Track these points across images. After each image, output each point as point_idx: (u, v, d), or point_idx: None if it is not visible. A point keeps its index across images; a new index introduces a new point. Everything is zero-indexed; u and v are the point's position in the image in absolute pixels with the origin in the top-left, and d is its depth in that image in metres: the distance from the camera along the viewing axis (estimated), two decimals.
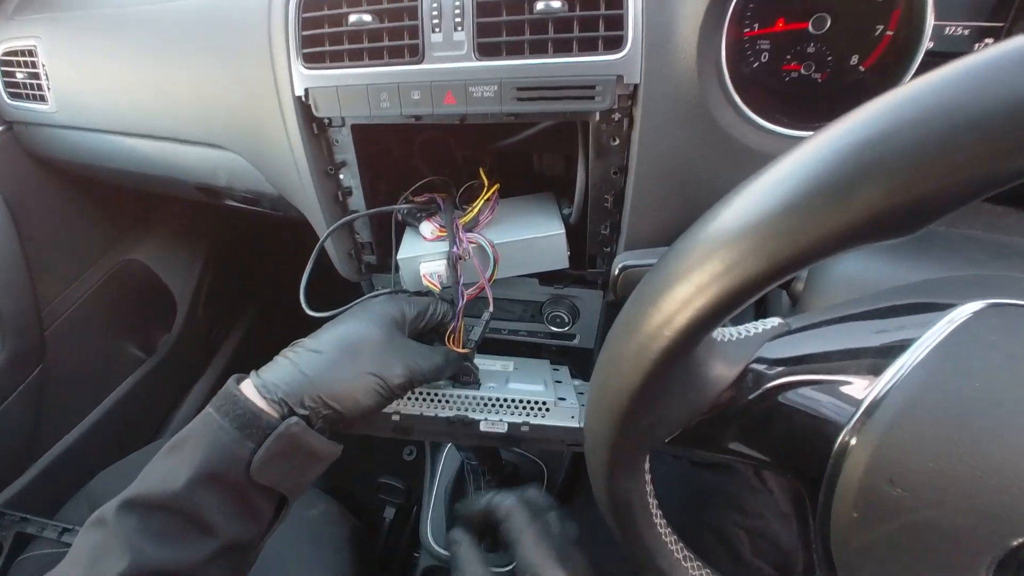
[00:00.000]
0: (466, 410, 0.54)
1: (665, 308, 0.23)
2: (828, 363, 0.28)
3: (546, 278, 0.60)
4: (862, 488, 0.27)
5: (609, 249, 0.56)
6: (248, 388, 0.45)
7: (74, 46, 0.78)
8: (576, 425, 0.53)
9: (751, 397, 0.28)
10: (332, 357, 0.47)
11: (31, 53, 0.82)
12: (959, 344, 0.26)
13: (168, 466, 0.43)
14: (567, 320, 0.62)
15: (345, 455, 0.55)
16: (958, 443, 0.25)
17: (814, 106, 0.48)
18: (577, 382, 0.63)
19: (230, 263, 1.35)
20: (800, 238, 0.19)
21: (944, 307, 0.28)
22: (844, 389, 0.28)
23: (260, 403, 0.44)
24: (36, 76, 0.83)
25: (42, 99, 0.83)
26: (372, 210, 0.60)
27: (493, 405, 0.54)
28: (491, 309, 0.54)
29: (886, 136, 0.17)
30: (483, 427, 0.54)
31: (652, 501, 0.34)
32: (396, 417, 0.54)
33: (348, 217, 0.61)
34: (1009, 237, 0.40)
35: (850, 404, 0.27)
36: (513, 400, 0.54)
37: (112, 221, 1.11)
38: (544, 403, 0.54)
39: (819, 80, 0.49)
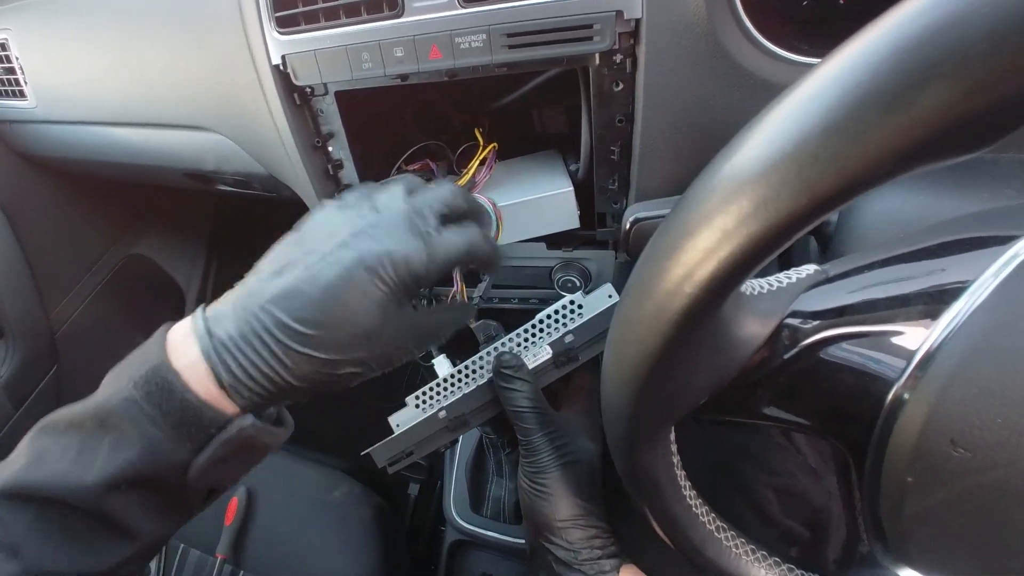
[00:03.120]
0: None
1: (685, 261, 0.20)
2: (873, 313, 0.24)
3: (554, 241, 0.57)
4: (918, 450, 0.24)
5: (618, 205, 0.52)
6: (180, 354, 0.34)
7: (46, 35, 0.75)
8: (616, 300, 0.45)
9: (787, 356, 0.25)
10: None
11: (4, 47, 0.79)
12: None
13: (74, 451, 0.33)
14: (579, 284, 0.59)
15: (365, 436, 0.52)
16: None
17: (837, 30, 0.43)
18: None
19: (235, 250, 1.33)
20: (848, 162, 0.15)
21: (1005, 240, 0.24)
22: (894, 340, 0.24)
23: (201, 391, 0.33)
24: (12, 71, 0.79)
25: (21, 95, 0.80)
26: (364, 184, 0.57)
27: (525, 340, 0.49)
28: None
29: (958, 18, 0.14)
30: (530, 364, 0.48)
31: (679, 473, 0.31)
32: (443, 414, 0.49)
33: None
34: None
35: (901, 357, 0.24)
36: (541, 320, 0.48)
37: (111, 217, 1.10)
38: (572, 302, 0.47)
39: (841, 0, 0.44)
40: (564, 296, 0.48)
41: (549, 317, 0.48)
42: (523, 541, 0.77)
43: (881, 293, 0.25)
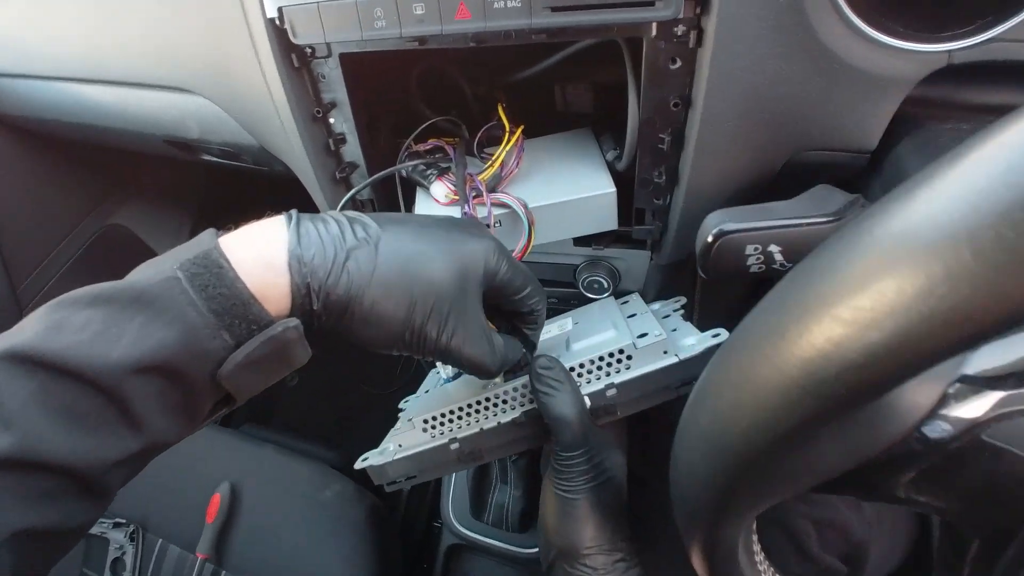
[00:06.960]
0: (532, 402, 0.43)
1: (874, 308, 0.14)
2: None
3: (583, 238, 0.51)
4: None
5: (661, 201, 0.46)
6: (234, 248, 0.33)
7: None
8: (673, 360, 0.40)
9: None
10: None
11: None
12: None
13: (98, 325, 0.29)
14: (606, 286, 0.53)
15: (359, 431, 0.47)
16: None
17: (939, 8, 0.36)
18: (656, 305, 0.50)
19: (222, 225, 1.25)
20: None
21: None
22: None
23: (250, 283, 0.32)
24: None
25: None
26: (375, 176, 0.50)
27: None
28: None
29: None
30: None
31: (757, 547, 0.26)
32: (455, 445, 0.44)
33: (353, 192, 0.51)
34: None
35: None
36: (583, 365, 0.43)
37: (89, 184, 1.01)
38: (621, 351, 0.42)
39: None
40: (598, 304, 0.42)
41: (592, 363, 0.43)
42: (525, 550, 0.73)
43: None
